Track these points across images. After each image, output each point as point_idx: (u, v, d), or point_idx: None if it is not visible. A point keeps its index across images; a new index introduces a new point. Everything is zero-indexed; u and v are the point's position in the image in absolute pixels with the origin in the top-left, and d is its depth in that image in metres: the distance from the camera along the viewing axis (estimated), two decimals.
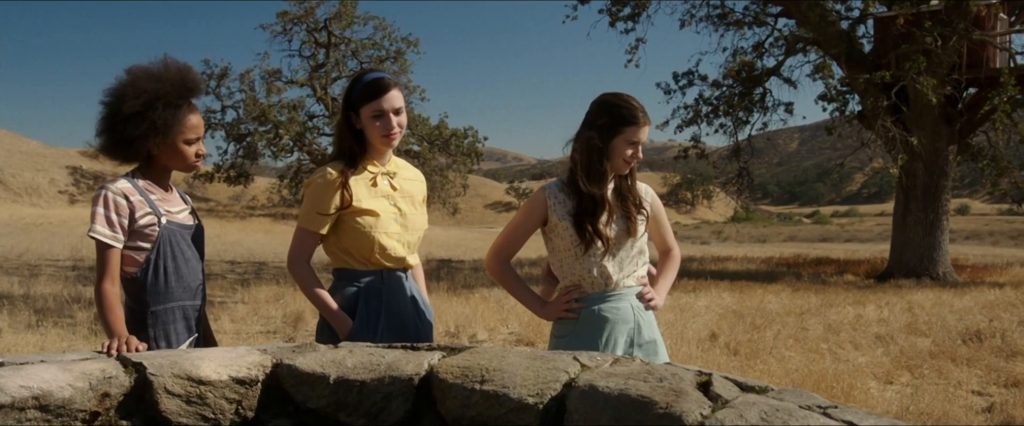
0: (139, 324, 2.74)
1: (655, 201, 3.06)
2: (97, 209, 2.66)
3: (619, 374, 1.78)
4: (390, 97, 2.82)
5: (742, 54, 20.17)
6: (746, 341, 7.82)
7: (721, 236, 55.16)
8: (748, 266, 19.92)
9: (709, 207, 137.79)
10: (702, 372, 1.78)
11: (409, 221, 2.97)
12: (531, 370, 1.84)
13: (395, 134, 2.86)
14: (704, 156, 21.34)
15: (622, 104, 2.84)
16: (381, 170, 2.97)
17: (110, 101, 2.71)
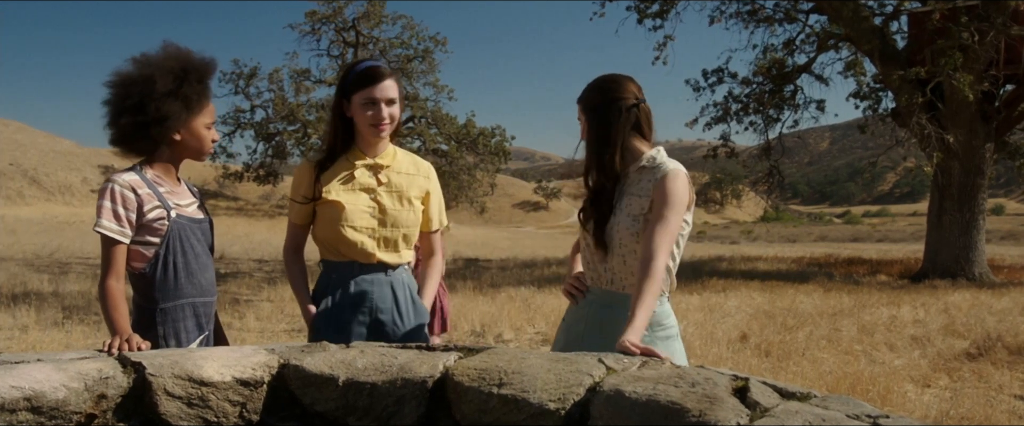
0: (148, 322, 2.64)
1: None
2: (103, 203, 2.56)
3: (648, 378, 1.65)
4: (383, 86, 2.73)
5: (772, 51, 19.87)
6: (778, 342, 7.64)
7: (751, 236, 54.68)
8: (778, 266, 19.64)
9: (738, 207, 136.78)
10: (738, 376, 1.64)
11: (388, 216, 2.84)
12: (553, 373, 1.71)
13: (384, 125, 2.76)
14: (734, 155, 21.07)
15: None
16: (366, 161, 2.85)
17: (137, 80, 2.60)
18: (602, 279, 2.63)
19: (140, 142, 2.65)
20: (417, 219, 2.91)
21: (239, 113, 40.35)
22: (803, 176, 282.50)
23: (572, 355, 1.88)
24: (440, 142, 38.07)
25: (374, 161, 2.84)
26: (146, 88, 2.58)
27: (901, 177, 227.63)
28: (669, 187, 2.49)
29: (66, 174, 47.59)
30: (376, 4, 41.06)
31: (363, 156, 2.84)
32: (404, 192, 2.88)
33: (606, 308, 2.61)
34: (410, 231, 2.89)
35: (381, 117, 2.73)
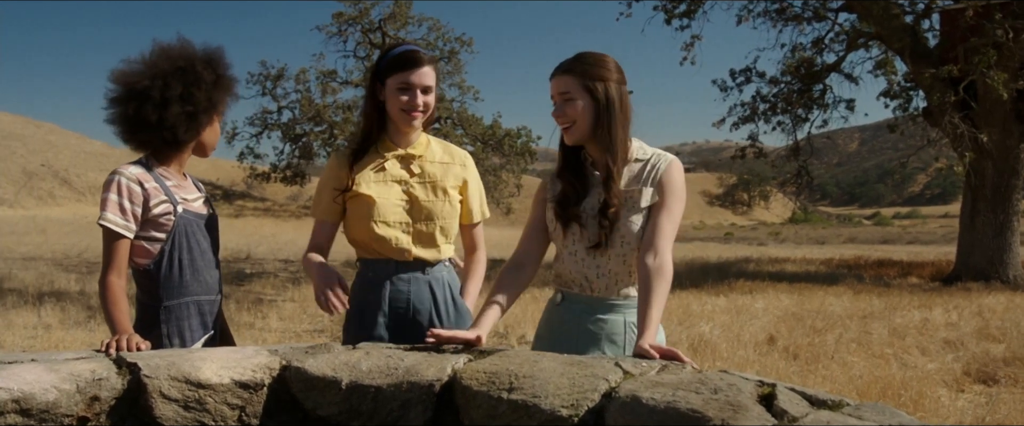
0: (151, 320, 2.57)
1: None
2: (109, 196, 2.49)
3: (667, 384, 1.55)
4: (422, 73, 2.59)
5: (801, 50, 19.60)
6: (806, 345, 7.47)
7: (779, 237, 54.14)
8: (807, 268, 19.37)
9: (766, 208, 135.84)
10: (764, 382, 1.53)
11: (423, 209, 2.68)
12: (566, 377, 1.62)
13: (418, 112, 2.62)
14: (762, 155, 20.82)
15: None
16: (397, 152, 2.71)
17: (179, 69, 2.57)
18: (594, 286, 2.41)
19: (163, 133, 2.58)
20: (454, 211, 2.76)
21: (266, 114, 40.61)
22: (832, 177, 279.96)
23: (587, 358, 1.79)
24: (466, 143, 38.07)
25: (405, 151, 2.72)
26: (190, 77, 2.55)
27: (932, 178, 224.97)
28: (676, 178, 2.39)
29: (97, 175, 48.05)
30: (402, 5, 41.13)
31: (394, 147, 2.72)
32: (438, 183, 2.72)
33: (595, 317, 2.42)
34: (447, 224, 2.73)
35: (416, 103, 2.59)
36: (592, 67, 2.36)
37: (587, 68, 2.36)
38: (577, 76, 2.35)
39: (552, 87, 2.40)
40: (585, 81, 2.35)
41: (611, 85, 2.37)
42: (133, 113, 2.55)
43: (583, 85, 2.35)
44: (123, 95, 2.57)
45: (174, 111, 2.54)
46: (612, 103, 2.36)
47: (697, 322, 8.65)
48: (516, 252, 2.53)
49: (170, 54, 2.60)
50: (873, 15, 16.44)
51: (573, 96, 2.35)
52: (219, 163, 62.21)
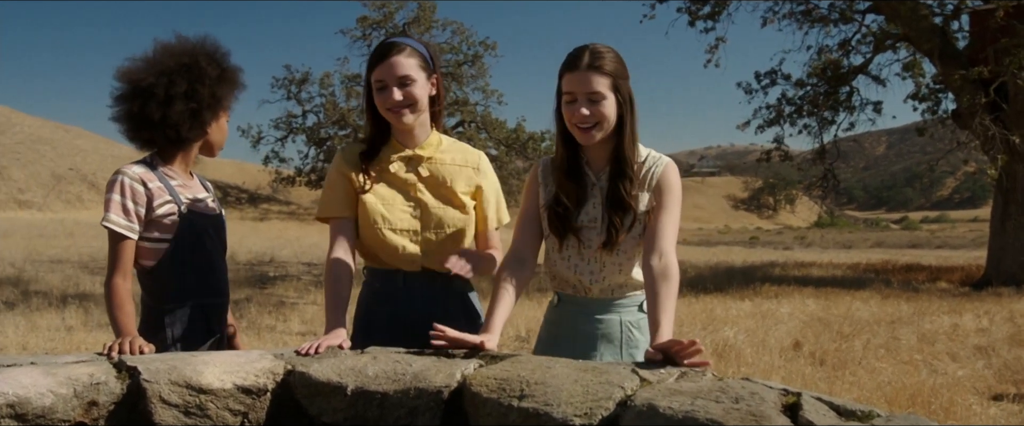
0: (155, 322, 2.52)
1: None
2: (112, 196, 2.44)
3: (686, 392, 1.47)
4: (392, 64, 2.35)
5: (827, 52, 19.39)
6: (833, 350, 7.34)
7: (804, 241, 53.68)
8: (833, 272, 19.15)
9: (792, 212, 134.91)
10: (788, 391, 1.45)
11: (432, 216, 2.48)
12: (580, 384, 1.54)
13: (399, 109, 2.38)
14: (788, 158, 20.61)
15: None
16: (404, 153, 2.51)
17: (183, 66, 2.53)
18: (590, 289, 2.38)
19: (161, 132, 2.54)
20: (467, 217, 2.54)
21: (291, 118, 40.91)
22: (859, 181, 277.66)
23: (603, 364, 1.71)
24: (490, 147, 38.07)
25: (413, 152, 2.51)
26: (193, 73, 2.50)
27: (961, 182, 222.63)
28: (673, 180, 2.32)
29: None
30: (426, 9, 41.23)
31: (400, 147, 2.52)
32: (449, 187, 2.52)
33: (593, 318, 2.40)
34: (459, 232, 2.52)
35: (393, 100, 2.36)
36: (618, 65, 2.26)
37: (615, 66, 2.25)
38: (606, 75, 2.23)
39: (575, 84, 2.24)
40: (614, 80, 2.24)
41: (627, 83, 2.30)
42: (137, 111, 2.50)
43: (612, 84, 2.24)
44: (127, 93, 2.53)
45: (177, 109, 2.49)
46: (634, 103, 2.31)
47: (721, 327, 8.53)
48: (514, 244, 2.43)
49: (173, 50, 2.55)
50: (901, 16, 16.22)
51: (602, 95, 2.22)
52: (245, 167, 62.70)
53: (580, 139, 2.28)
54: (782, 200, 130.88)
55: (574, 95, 2.24)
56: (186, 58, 2.53)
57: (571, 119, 2.26)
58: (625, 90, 2.27)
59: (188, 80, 2.51)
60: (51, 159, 48.83)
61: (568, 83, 2.25)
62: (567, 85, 2.26)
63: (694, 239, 53.88)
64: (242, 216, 52.09)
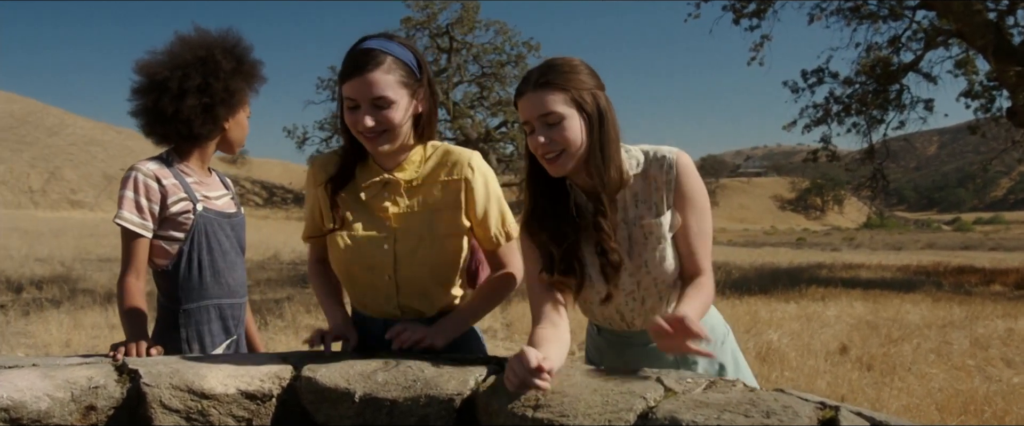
0: (171, 323, 2.46)
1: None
2: (125, 193, 2.38)
3: (713, 404, 1.36)
4: (364, 82, 1.91)
5: (876, 49, 19.01)
6: (881, 355, 7.12)
7: (853, 243, 52.83)
8: (882, 274, 18.72)
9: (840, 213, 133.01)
10: (826, 404, 1.33)
11: (408, 253, 2.07)
12: (599, 395, 1.44)
13: (374, 135, 1.96)
14: (835, 158, 20.24)
15: None
16: (378, 178, 2.09)
17: (199, 59, 2.47)
18: (630, 323, 2.06)
19: (187, 125, 2.48)
20: (456, 249, 2.12)
21: (335, 118, 41.32)
22: (909, 181, 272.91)
23: (625, 373, 1.60)
24: None
25: (390, 176, 2.08)
26: (207, 67, 2.45)
27: (1016, 182, 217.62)
28: (691, 181, 1.94)
29: None
30: (470, 9, 41.36)
31: (376, 169, 2.10)
32: (431, 216, 2.09)
33: (635, 349, 2.09)
34: (443, 270, 2.12)
35: (365, 125, 1.93)
36: (573, 75, 1.86)
37: (569, 78, 1.85)
38: (559, 90, 1.83)
39: (528, 108, 1.85)
40: (571, 94, 1.84)
41: (598, 94, 1.90)
42: (152, 105, 2.45)
43: (571, 99, 1.84)
44: (144, 86, 2.48)
45: (190, 103, 2.42)
46: (605, 116, 1.88)
47: (765, 329, 8.34)
48: (532, 307, 1.94)
49: (190, 43, 2.48)
50: (953, 12, 15.80)
51: (560, 116, 1.82)
52: (291, 167, 63.46)
53: (550, 171, 1.89)
54: (830, 201, 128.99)
55: (531, 123, 1.86)
56: (202, 51, 2.46)
57: (536, 152, 1.88)
58: (591, 103, 1.86)
59: (202, 74, 2.44)
60: (103, 160, 49.87)
61: (521, 110, 1.88)
62: (521, 113, 1.89)
63: (740, 240, 53.30)
64: (288, 216, 52.62)
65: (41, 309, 9.01)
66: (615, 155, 1.90)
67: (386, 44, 1.97)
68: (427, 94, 2.07)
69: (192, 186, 2.48)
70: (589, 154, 1.87)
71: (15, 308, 9.14)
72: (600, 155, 1.87)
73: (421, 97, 2.04)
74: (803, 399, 1.37)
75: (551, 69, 1.85)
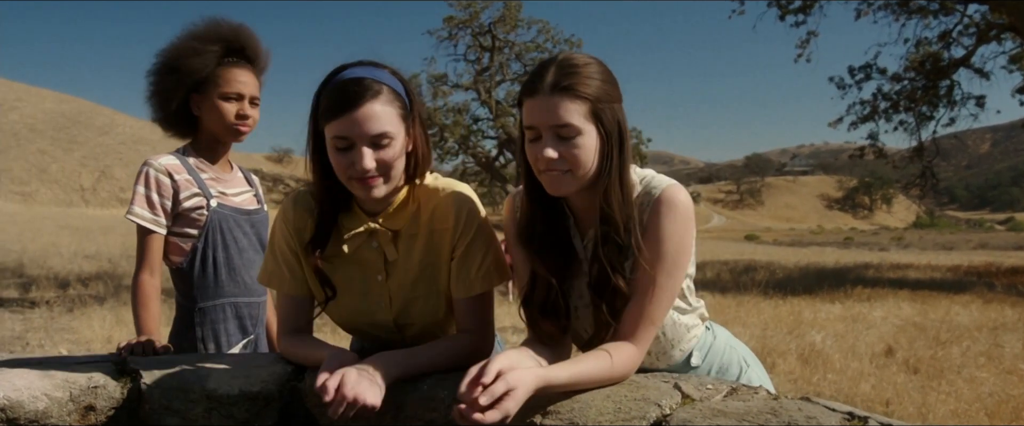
0: (187, 322, 2.42)
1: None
2: (137, 188, 2.34)
3: (731, 413, 1.27)
4: (362, 117, 1.64)
5: (926, 44, 18.61)
6: (928, 358, 6.91)
7: (902, 242, 51.86)
8: (932, 274, 18.30)
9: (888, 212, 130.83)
10: (854, 415, 1.24)
11: (406, 309, 1.86)
12: (611, 401, 1.36)
13: (370, 181, 1.68)
14: (882, 156, 19.85)
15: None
16: (363, 228, 1.81)
17: (173, 45, 2.42)
18: None
19: (168, 122, 2.45)
20: (433, 307, 1.86)
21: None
22: (961, 180, 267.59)
23: (642, 378, 1.52)
24: None
25: (376, 226, 1.80)
26: (152, 68, 2.40)
27: None
28: (668, 224, 1.60)
29: None
30: (512, 8, 41.33)
31: (360, 217, 1.82)
32: (425, 266, 1.84)
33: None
34: (444, 323, 1.91)
35: (363, 168, 1.65)
36: (600, 82, 1.60)
37: (591, 86, 1.58)
38: (582, 98, 1.57)
39: (537, 114, 1.59)
40: (593, 106, 1.58)
41: (618, 107, 1.64)
42: (148, 92, 2.45)
43: (591, 112, 1.58)
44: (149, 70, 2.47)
45: (151, 90, 2.41)
46: (624, 134, 1.64)
47: (808, 330, 8.16)
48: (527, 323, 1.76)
49: (186, 31, 2.44)
50: (1006, 6, 15.38)
51: (577, 130, 1.57)
52: None
53: (548, 189, 1.64)
54: (878, 199, 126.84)
55: (537, 130, 1.60)
56: (177, 39, 2.42)
57: (536, 164, 1.62)
58: (611, 118, 1.61)
59: (164, 59, 2.41)
60: None
61: (529, 113, 1.61)
62: (528, 116, 1.61)
63: (785, 239, 52.63)
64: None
65: (85, 305, 9.12)
66: (630, 177, 1.65)
67: (377, 73, 1.70)
68: (420, 128, 1.79)
69: (207, 182, 2.43)
70: (598, 177, 1.62)
71: (61, 304, 9.28)
72: (618, 179, 1.62)
73: (415, 131, 1.77)
74: (830, 409, 1.28)
75: (571, 71, 1.58)
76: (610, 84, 1.63)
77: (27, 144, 50.36)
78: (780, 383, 6.09)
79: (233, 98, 2.42)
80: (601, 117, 1.59)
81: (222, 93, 2.41)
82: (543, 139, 1.59)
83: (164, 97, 2.42)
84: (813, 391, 5.76)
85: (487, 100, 41.01)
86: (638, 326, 1.57)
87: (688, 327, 1.79)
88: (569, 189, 1.62)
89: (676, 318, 1.76)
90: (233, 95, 2.42)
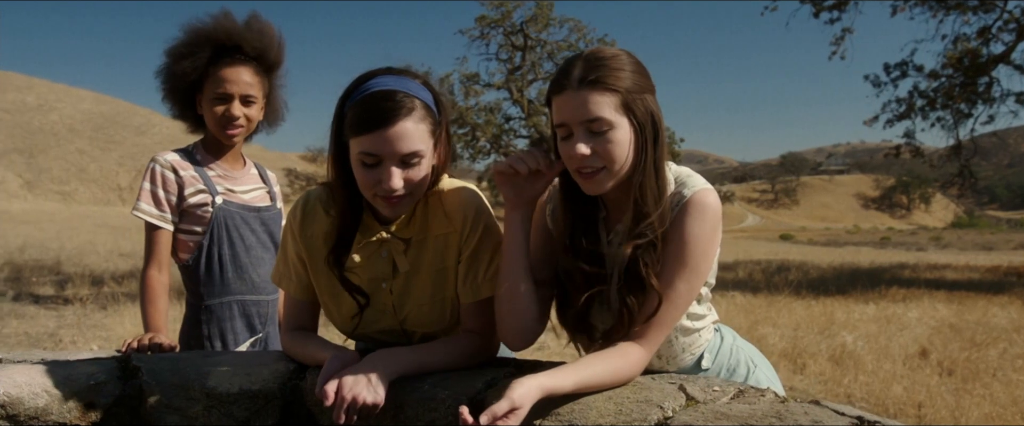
0: (195, 319, 2.41)
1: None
2: (144, 184, 2.34)
3: (734, 416, 1.22)
4: (394, 136, 1.58)
5: (965, 40, 18.24)
6: (963, 360, 6.77)
7: (940, 242, 51.05)
8: (970, 275, 17.99)
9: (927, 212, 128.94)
10: (864, 419, 1.19)
11: (416, 319, 1.80)
12: (613, 401, 1.32)
13: (395, 198, 1.64)
14: (918, 154, 19.52)
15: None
16: (376, 237, 1.77)
17: (187, 40, 2.40)
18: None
19: (182, 120, 2.45)
20: (436, 314, 1.81)
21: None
22: (1002, 179, 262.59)
23: (647, 379, 1.48)
24: None
25: (388, 236, 1.77)
26: (171, 53, 2.38)
27: None
28: (694, 227, 1.55)
29: None
30: (544, 7, 41.22)
31: (373, 226, 1.78)
32: (432, 273, 1.80)
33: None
34: (455, 320, 1.84)
35: (391, 187, 1.60)
36: (626, 74, 1.55)
37: (621, 77, 1.54)
38: (613, 91, 1.52)
39: (568, 110, 1.54)
40: (624, 97, 1.53)
41: (650, 99, 1.59)
42: (161, 94, 2.45)
43: (622, 104, 1.53)
44: None
45: (164, 89, 2.40)
46: (659, 127, 1.59)
47: (840, 331, 8.03)
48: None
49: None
50: None
51: (609, 124, 1.53)
52: None
53: (584, 188, 1.60)
54: (916, 199, 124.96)
55: (568, 127, 1.56)
56: (175, 41, 2.40)
57: (569, 163, 1.58)
58: (643, 110, 1.56)
59: (163, 62, 2.40)
60: None
61: (558, 110, 1.56)
62: (557, 113, 1.57)
63: (820, 239, 52.05)
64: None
65: (118, 303, 9.22)
66: (666, 171, 1.59)
67: (408, 84, 1.63)
68: (445, 139, 1.74)
69: (214, 179, 2.42)
70: (633, 172, 1.57)
71: (94, 302, 9.39)
72: (654, 174, 1.56)
73: (441, 143, 1.72)
74: (838, 412, 1.22)
75: (600, 64, 1.53)
76: (640, 74, 1.58)
77: (66, 144, 51.21)
78: (809, 384, 6.00)
79: (221, 99, 2.38)
80: (633, 109, 1.54)
81: (212, 94, 2.38)
82: (574, 136, 1.54)
83: (169, 99, 2.42)
84: (843, 393, 5.66)
85: (519, 99, 40.94)
86: (649, 328, 1.53)
87: (700, 333, 1.75)
88: (606, 187, 1.58)
89: (690, 324, 1.72)
90: (221, 96, 2.38)
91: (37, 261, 13.95)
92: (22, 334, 7.34)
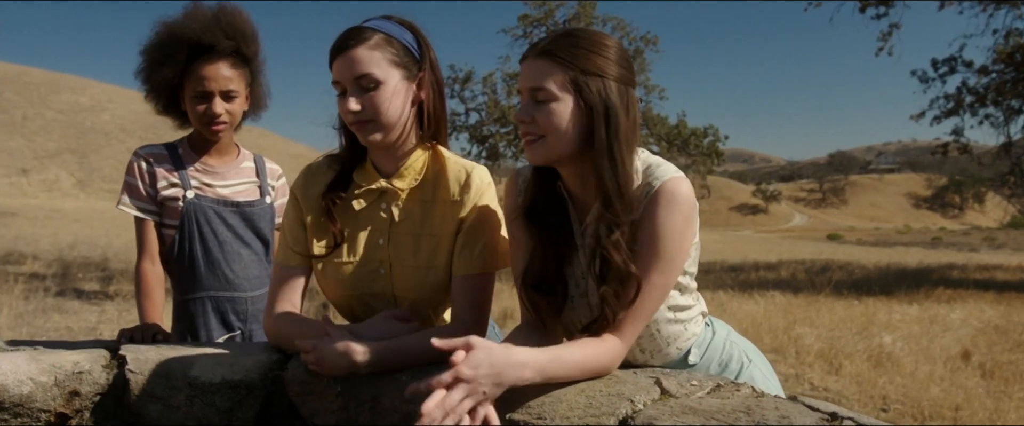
0: (174, 313, 2.42)
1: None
2: (126, 178, 2.35)
3: (702, 411, 1.19)
4: (346, 60, 1.67)
5: (1016, 35, 17.77)
6: (1006, 363, 6.58)
7: (994, 243, 49.85)
8: (1022, 276, 17.51)
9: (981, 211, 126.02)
10: (838, 415, 1.14)
11: (404, 280, 1.80)
12: (585, 395, 1.29)
13: (356, 126, 1.70)
14: (967, 152, 19.07)
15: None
16: (374, 185, 1.80)
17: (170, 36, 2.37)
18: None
19: (168, 113, 2.45)
20: (436, 274, 1.80)
21: (454, 116, 41.78)
22: None
23: (624, 373, 1.45)
24: (651, 143, 37.51)
25: (385, 184, 1.79)
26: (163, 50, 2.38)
27: None
28: (664, 218, 1.51)
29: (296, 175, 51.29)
30: (587, 6, 41.08)
31: (372, 175, 1.81)
32: (427, 237, 1.79)
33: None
34: (439, 296, 1.84)
35: (349, 108, 1.66)
36: (587, 53, 1.52)
37: (578, 53, 1.52)
38: (560, 64, 1.51)
39: (522, 76, 1.57)
40: (574, 74, 1.51)
41: (611, 83, 1.53)
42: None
43: (570, 81, 1.52)
44: None
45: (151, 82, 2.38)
46: (613, 111, 1.52)
47: (879, 332, 7.86)
48: (522, 306, 1.72)
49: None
50: None
51: (551, 95, 1.52)
52: None
53: (527, 156, 1.58)
54: (970, 198, 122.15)
55: (521, 93, 1.58)
56: (148, 45, 2.38)
57: (518, 125, 1.58)
58: (595, 92, 1.52)
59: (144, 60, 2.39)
60: None
61: (520, 75, 1.59)
62: (519, 78, 1.59)
63: (869, 239, 51.15)
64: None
65: None
66: (627, 159, 1.53)
67: (380, 23, 1.71)
68: (431, 81, 1.76)
69: (192, 173, 2.39)
70: (582, 154, 1.55)
71: (124, 297, 9.55)
72: (608, 157, 1.51)
73: (424, 84, 1.75)
74: (812, 408, 1.18)
75: (565, 38, 1.53)
76: (607, 61, 1.54)
77: (117, 143, 52.27)
78: (844, 385, 5.87)
79: (201, 97, 2.35)
80: (581, 88, 1.51)
81: (192, 93, 2.35)
82: (523, 102, 1.56)
83: (152, 101, 2.42)
84: (879, 394, 5.54)
85: None
86: (624, 321, 1.49)
87: (685, 325, 1.71)
88: (541, 157, 1.56)
89: (672, 315, 1.68)
90: (201, 94, 2.35)
91: (85, 258, 14.25)
92: (63, 328, 7.48)
